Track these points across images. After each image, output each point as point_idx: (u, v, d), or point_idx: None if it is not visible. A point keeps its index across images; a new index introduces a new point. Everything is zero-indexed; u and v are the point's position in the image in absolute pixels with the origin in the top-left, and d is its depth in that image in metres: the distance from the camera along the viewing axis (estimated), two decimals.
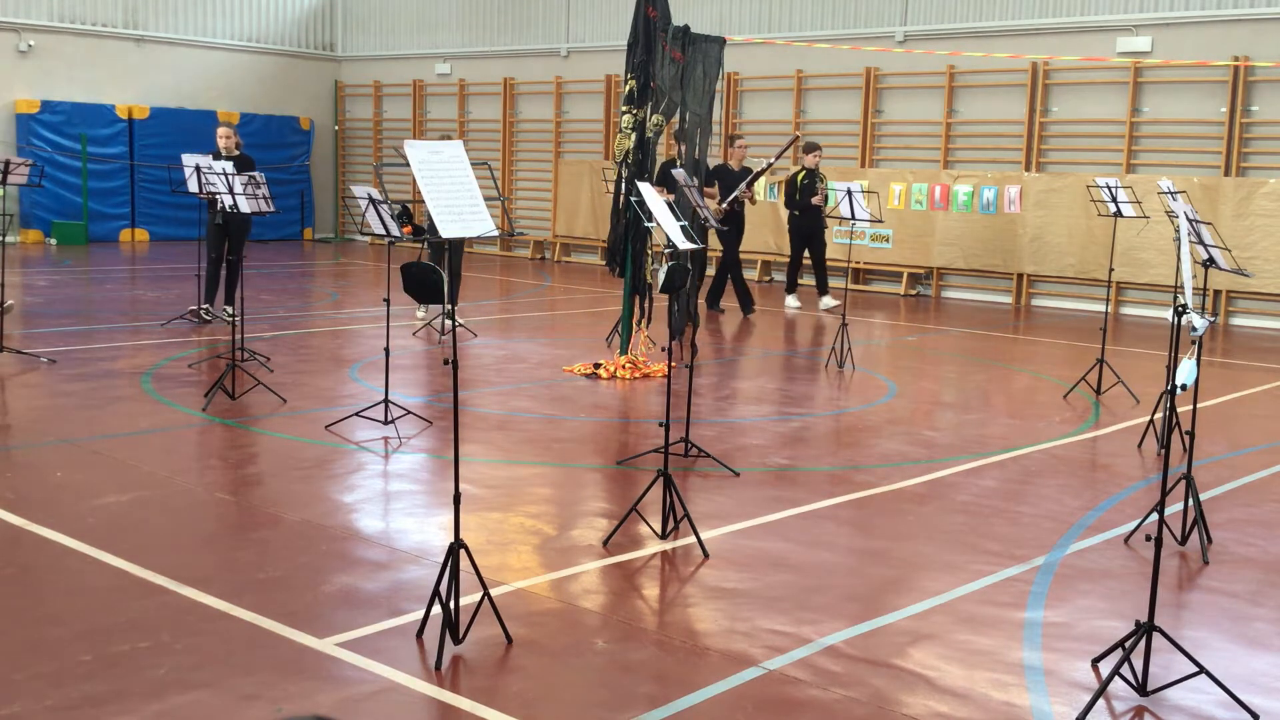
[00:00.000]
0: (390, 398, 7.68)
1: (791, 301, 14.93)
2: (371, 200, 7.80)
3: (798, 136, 13.78)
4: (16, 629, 4.29)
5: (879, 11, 17.63)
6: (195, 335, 11.11)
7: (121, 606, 4.52)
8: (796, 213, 14.53)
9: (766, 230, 18.39)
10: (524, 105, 22.14)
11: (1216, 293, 14.53)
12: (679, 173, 9.38)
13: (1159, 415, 7.89)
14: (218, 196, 9.52)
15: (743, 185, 13.09)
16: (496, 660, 4.16)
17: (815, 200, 14.22)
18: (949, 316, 14.93)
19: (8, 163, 9.65)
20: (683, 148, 10.52)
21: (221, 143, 11.72)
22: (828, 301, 14.67)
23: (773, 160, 12.95)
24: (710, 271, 14.64)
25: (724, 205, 13.01)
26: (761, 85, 18.87)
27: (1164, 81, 15.30)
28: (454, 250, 11.74)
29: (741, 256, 18.95)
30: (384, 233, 7.84)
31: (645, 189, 6.40)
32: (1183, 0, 15.14)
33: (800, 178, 14.46)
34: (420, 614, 4.40)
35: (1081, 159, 15.92)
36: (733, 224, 13.34)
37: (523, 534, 5.62)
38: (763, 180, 15.92)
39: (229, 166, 9.13)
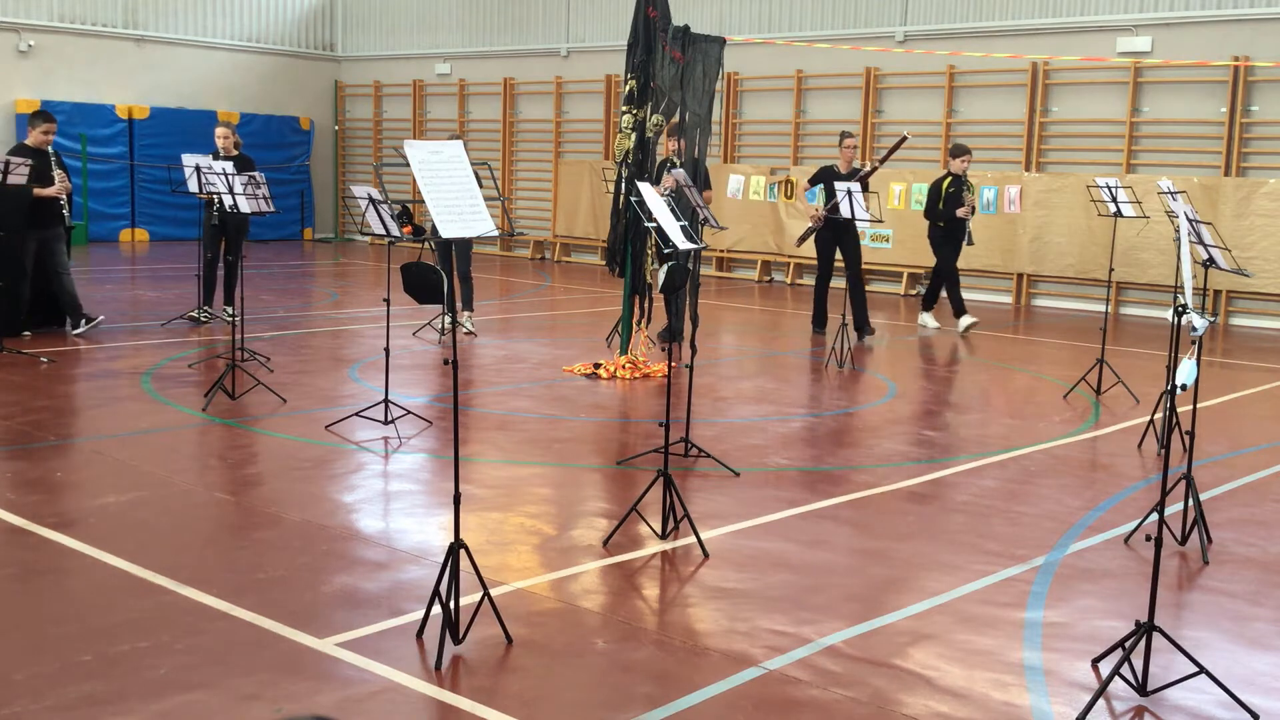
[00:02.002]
0: (390, 398, 7.68)
1: (928, 320, 13.33)
2: (371, 200, 7.79)
3: (905, 136, 12.15)
4: (16, 629, 4.29)
5: (879, 11, 17.63)
6: (195, 335, 11.11)
7: (121, 606, 4.52)
8: (941, 224, 12.70)
9: (766, 229, 18.40)
10: (524, 105, 22.14)
11: (1216, 293, 14.53)
12: (679, 173, 9.38)
13: (1159, 415, 7.89)
14: (214, 196, 9.53)
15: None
16: (496, 660, 4.16)
17: (960, 212, 12.46)
18: (949, 316, 14.92)
19: (8, 163, 9.64)
20: (680, 144, 10.51)
21: (220, 142, 11.72)
22: (966, 320, 13.01)
23: (878, 163, 12.02)
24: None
25: (823, 212, 11.92)
26: (761, 85, 18.87)
27: (1164, 81, 15.30)
28: (461, 253, 11.74)
29: (733, 255, 19.01)
30: (384, 233, 7.84)
31: (645, 189, 6.40)
32: (1183, 0, 15.14)
33: (946, 184, 12.65)
34: (420, 614, 4.40)
35: (1081, 159, 15.92)
36: (954, 234, 12.37)
37: (523, 534, 5.62)
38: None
39: (229, 166, 9.13)
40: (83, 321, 10.74)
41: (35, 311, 10.65)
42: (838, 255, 12.31)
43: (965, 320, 12.93)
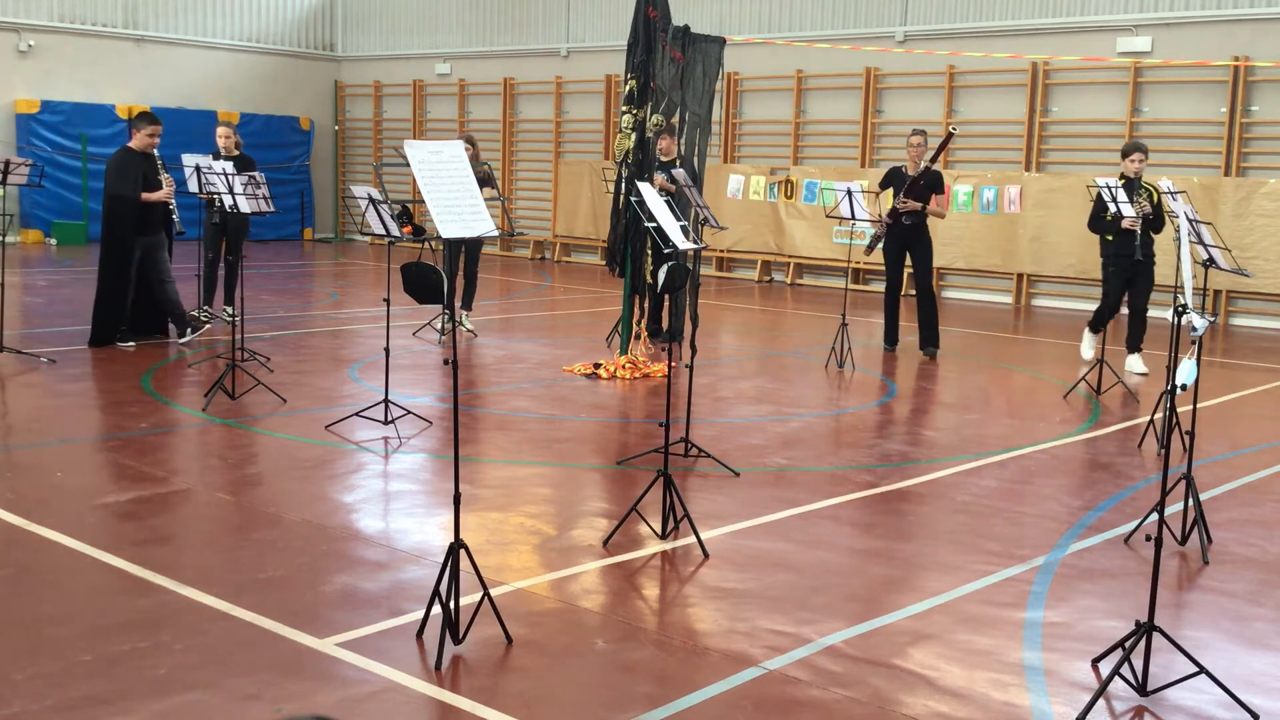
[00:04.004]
0: (390, 398, 7.68)
1: (1136, 364, 10.47)
2: (371, 200, 7.80)
3: (952, 131, 10.65)
4: (16, 629, 4.29)
5: (879, 11, 17.64)
6: (195, 335, 11.09)
7: (121, 606, 4.52)
8: (1109, 237, 10.15)
9: (766, 229, 18.40)
10: (524, 105, 22.14)
11: (1216, 293, 14.53)
12: (679, 173, 9.39)
13: (1159, 415, 7.89)
14: (214, 196, 9.52)
15: (900, 194, 10.93)
16: (496, 660, 4.16)
17: (1126, 223, 9.79)
18: (949, 316, 14.90)
19: (8, 163, 9.64)
20: (672, 143, 10.52)
21: (221, 142, 11.72)
22: (1135, 364, 10.48)
23: (929, 164, 10.81)
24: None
25: (885, 218, 11.00)
26: (761, 85, 18.87)
27: (1164, 81, 15.30)
28: (470, 253, 11.76)
29: (733, 255, 19.00)
30: (384, 233, 7.84)
31: (645, 189, 6.40)
32: (1183, 0, 15.15)
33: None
34: (420, 614, 4.40)
35: (1081, 159, 15.92)
36: (1124, 250, 9.97)
37: (523, 534, 5.62)
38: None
39: (229, 166, 9.13)
40: (189, 330, 10.44)
41: (136, 320, 10.34)
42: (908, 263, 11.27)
43: (1137, 363, 10.50)
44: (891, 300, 11.45)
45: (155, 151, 10.16)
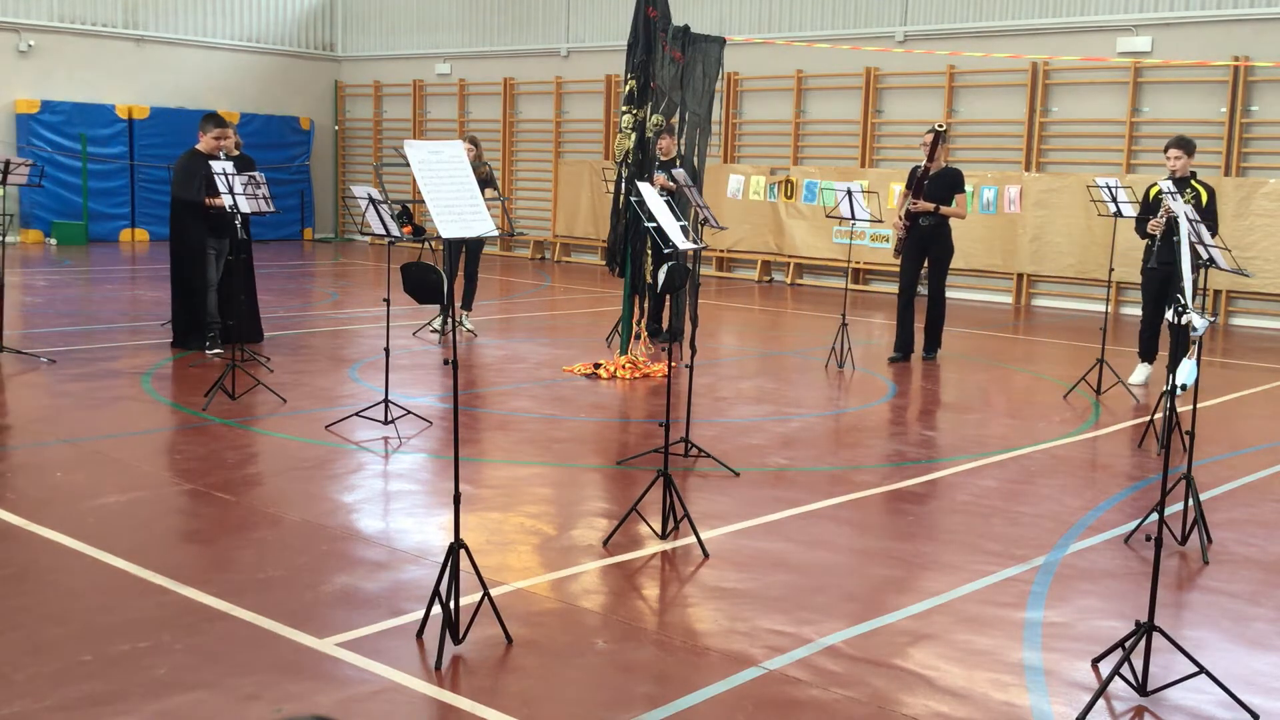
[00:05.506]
0: (390, 398, 7.68)
1: (1138, 375, 9.87)
2: (371, 200, 7.79)
3: (938, 130, 10.18)
4: (16, 629, 4.29)
5: (879, 11, 17.64)
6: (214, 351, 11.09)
7: (121, 606, 4.52)
8: (1147, 241, 9.30)
9: (766, 229, 18.40)
10: (524, 105, 22.14)
11: (1216, 293, 14.53)
12: (679, 173, 9.39)
13: (1159, 415, 7.89)
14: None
15: (909, 194, 10.56)
16: (496, 660, 4.16)
17: (1152, 226, 9.05)
18: (949, 316, 14.88)
19: (8, 163, 9.63)
20: (672, 143, 10.51)
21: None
22: (1140, 374, 9.89)
23: (929, 164, 10.36)
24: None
25: (903, 221, 10.61)
26: (761, 85, 18.87)
27: (1164, 81, 15.30)
28: (470, 254, 11.77)
29: (733, 255, 19.00)
30: (384, 233, 7.84)
31: (645, 189, 6.40)
32: (1183, 0, 15.15)
33: (1153, 190, 9.43)
34: (420, 614, 4.40)
35: (1081, 159, 15.92)
36: (1159, 260, 8.89)
37: (523, 534, 5.62)
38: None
39: (229, 166, 9.11)
40: (207, 345, 10.03)
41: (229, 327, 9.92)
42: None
43: (1140, 372, 9.92)
44: (902, 304, 10.85)
45: (221, 154, 10.06)
